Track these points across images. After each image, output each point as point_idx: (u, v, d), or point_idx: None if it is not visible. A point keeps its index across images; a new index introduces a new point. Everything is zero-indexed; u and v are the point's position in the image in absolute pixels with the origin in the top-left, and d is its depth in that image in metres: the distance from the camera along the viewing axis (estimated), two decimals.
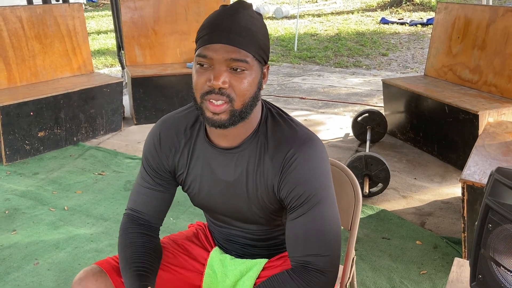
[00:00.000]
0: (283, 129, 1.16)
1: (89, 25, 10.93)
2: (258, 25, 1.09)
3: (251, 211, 1.21)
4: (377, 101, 5.19)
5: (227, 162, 1.19)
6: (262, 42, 1.08)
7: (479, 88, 3.58)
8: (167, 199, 1.31)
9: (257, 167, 1.16)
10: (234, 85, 1.06)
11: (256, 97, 1.11)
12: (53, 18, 4.07)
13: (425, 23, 10.16)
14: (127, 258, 1.21)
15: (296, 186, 1.11)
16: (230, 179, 1.20)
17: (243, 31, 1.05)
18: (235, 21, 1.05)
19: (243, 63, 1.05)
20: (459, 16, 3.79)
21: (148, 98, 4.37)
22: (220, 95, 1.06)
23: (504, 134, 2.55)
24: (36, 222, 2.76)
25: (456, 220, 2.77)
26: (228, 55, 1.04)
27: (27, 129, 3.60)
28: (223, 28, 1.05)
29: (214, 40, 1.05)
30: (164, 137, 1.25)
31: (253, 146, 1.17)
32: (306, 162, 1.11)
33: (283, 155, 1.13)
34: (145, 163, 1.29)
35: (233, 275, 1.31)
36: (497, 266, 1.04)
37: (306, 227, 1.12)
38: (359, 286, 2.19)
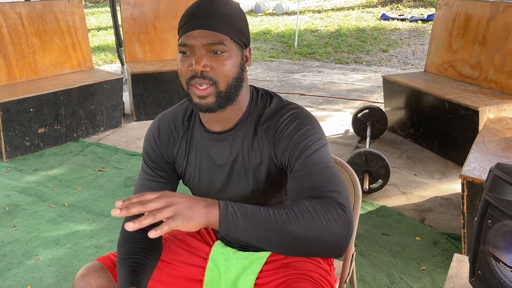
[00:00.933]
0: (273, 105, 1.21)
1: (89, 21, 10.92)
2: (234, 10, 1.13)
3: (252, 190, 1.22)
4: (377, 97, 5.18)
5: (222, 146, 1.22)
6: (239, 25, 1.13)
7: (480, 84, 3.57)
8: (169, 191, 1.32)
9: (252, 144, 1.20)
10: (215, 68, 1.10)
11: (240, 78, 1.15)
12: (53, 14, 4.06)
13: (425, 19, 10.14)
14: (123, 253, 1.23)
15: (291, 141, 1.14)
16: (228, 163, 1.22)
17: (219, 16, 1.10)
18: (210, 8, 1.11)
19: (220, 45, 1.09)
20: (459, 12, 3.78)
21: (148, 95, 4.37)
22: (202, 79, 1.10)
23: (504, 130, 2.54)
24: (37, 218, 2.77)
25: (456, 216, 2.77)
26: (206, 40, 1.08)
27: (27, 125, 3.60)
28: (199, 15, 1.10)
29: (191, 27, 1.10)
30: (163, 129, 1.29)
31: (247, 126, 1.20)
32: (296, 120, 1.15)
33: (274, 125, 1.17)
34: (145, 156, 1.32)
35: (235, 269, 1.32)
36: (497, 261, 1.04)
37: (312, 172, 1.08)
38: (359, 282, 2.19)
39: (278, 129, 1.16)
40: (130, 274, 1.16)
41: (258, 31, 9.77)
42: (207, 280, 1.33)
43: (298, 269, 1.26)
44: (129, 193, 3.07)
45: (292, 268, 1.27)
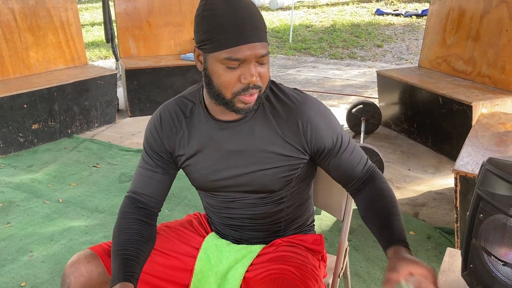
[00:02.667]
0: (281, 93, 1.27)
1: (83, 16, 10.85)
2: (258, 12, 1.15)
3: (267, 175, 1.25)
4: (371, 92, 5.19)
5: (234, 133, 1.24)
6: (265, 28, 1.16)
7: (473, 79, 3.59)
8: (167, 182, 1.34)
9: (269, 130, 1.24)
10: (262, 76, 1.15)
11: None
12: (46, 10, 4.04)
13: (420, 14, 10.15)
14: (118, 243, 1.24)
15: (324, 136, 1.24)
16: (238, 150, 1.25)
17: (260, 25, 1.13)
18: (251, 16, 1.11)
19: (267, 54, 1.15)
20: (453, 7, 3.79)
21: (142, 90, 4.36)
22: (254, 89, 1.15)
23: (497, 125, 2.56)
24: (31, 215, 2.76)
25: (449, 210, 2.79)
26: (259, 52, 1.12)
27: (20, 121, 3.58)
28: (245, 28, 1.10)
29: (243, 41, 1.10)
30: (165, 119, 1.30)
31: (260, 114, 1.24)
32: (321, 115, 1.25)
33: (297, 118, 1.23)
34: (146, 145, 1.34)
35: (227, 261, 1.33)
36: (488, 255, 1.05)
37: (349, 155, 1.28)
38: (353, 276, 2.21)
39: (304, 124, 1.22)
40: (123, 267, 1.17)
41: None
42: (197, 270, 1.34)
43: (284, 263, 1.27)
44: (124, 189, 3.07)
45: (279, 262, 1.28)
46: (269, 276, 1.24)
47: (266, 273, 1.25)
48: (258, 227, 1.35)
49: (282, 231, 1.38)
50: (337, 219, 2.61)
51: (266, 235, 1.37)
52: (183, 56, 4.55)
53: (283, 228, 1.37)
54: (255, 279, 1.27)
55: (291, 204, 1.34)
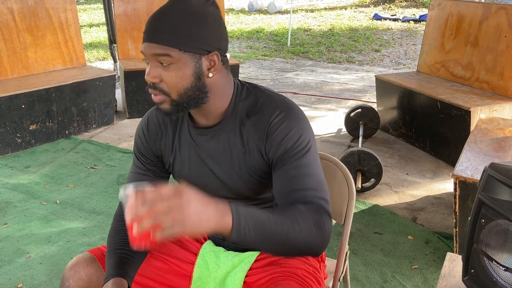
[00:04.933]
0: (261, 99, 1.21)
1: (81, 18, 10.84)
2: (189, 17, 1.11)
3: (242, 185, 1.24)
4: (369, 97, 5.20)
5: (209, 140, 1.24)
6: (192, 33, 1.10)
7: (471, 85, 3.60)
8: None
9: (240, 137, 1.20)
10: (164, 79, 1.12)
11: (198, 87, 1.14)
12: (45, 10, 4.03)
13: (417, 19, 10.20)
14: (113, 243, 1.25)
15: (283, 141, 1.15)
16: (215, 156, 1.24)
17: (166, 27, 1.10)
18: (160, 18, 1.11)
19: (165, 57, 1.10)
20: (452, 13, 3.81)
21: (141, 92, 4.35)
22: (154, 89, 1.13)
23: (495, 130, 2.57)
24: (28, 216, 2.75)
25: (448, 215, 2.79)
26: (152, 51, 1.10)
27: (18, 122, 3.57)
28: (149, 27, 1.12)
29: (143, 39, 1.13)
30: (151, 123, 1.32)
31: (233, 120, 1.21)
32: (289, 119, 1.16)
33: (266, 119, 1.17)
34: (135, 149, 1.35)
35: (225, 267, 1.32)
36: (490, 260, 1.05)
37: (301, 174, 1.13)
38: (352, 281, 2.20)
39: (270, 124, 1.16)
40: (117, 265, 1.18)
41: (251, 30, 9.77)
42: (195, 277, 1.33)
43: (285, 266, 1.27)
44: None
45: (280, 265, 1.27)
46: (273, 279, 1.23)
47: (269, 277, 1.25)
48: None
49: None
50: (335, 223, 2.61)
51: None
52: None
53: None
54: (257, 283, 1.27)
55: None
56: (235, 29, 9.77)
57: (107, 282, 1.14)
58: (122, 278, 1.15)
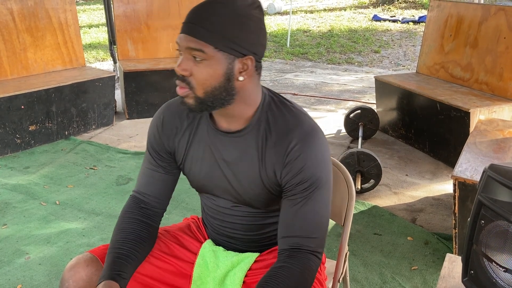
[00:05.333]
0: (286, 118, 1.19)
1: (81, 18, 10.83)
2: (231, 16, 1.09)
3: (250, 192, 1.24)
4: (369, 98, 5.21)
5: (228, 144, 1.22)
6: (232, 34, 1.08)
7: (471, 86, 3.60)
8: (169, 182, 1.34)
9: (260, 151, 1.20)
10: (194, 74, 1.11)
11: (226, 89, 1.13)
12: (45, 11, 4.03)
13: (416, 20, 10.20)
14: (114, 241, 1.25)
15: (300, 173, 1.15)
16: (231, 160, 1.23)
17: (205, 23, 1.08)
18: (202, 12, 1.10)
19: (199, 52, 1.09)
20: (451, 14, 3.81)
21: (140, 93, 4.35)
22: (181, 81, 1.12)
23: (495, 131, 2.57)
24: (27, 216, 2.75)
25: (447, 216, 2.80)
26: (187, 44, 1.10)
27: (18, 122, 3.57)
28: (188, 19, 1.11)
29: (181, 30, 1.12)
30: (167, 119, 1.29)
31: (255, 131, 1.20)
32: (310, 151, 1.16)
33: (287, 144, 1.16)
34: (148, 145, 1.34)
35: (224, 266, 1.32)
36: (489, 261, 1.05)
37: (305, 210, 1.16)
38: (351, 282, 2.20)
39: (290, 151, 1.15)
40: (112, 265, 1.18)
41: None
42: (195, 276, 1.33)
43: None
44: (121, 192, 3.06)
45: None
46: None
47: None
48: (250, 239, 1.34)
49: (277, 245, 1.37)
50: (334, 224, 2.62)
51: (260, 246, 1.36)
52: None
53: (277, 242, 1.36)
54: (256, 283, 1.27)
55: None
56: None
57: (99, 285, 1.13)
58: (113, 281, 1.14)
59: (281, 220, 1.20)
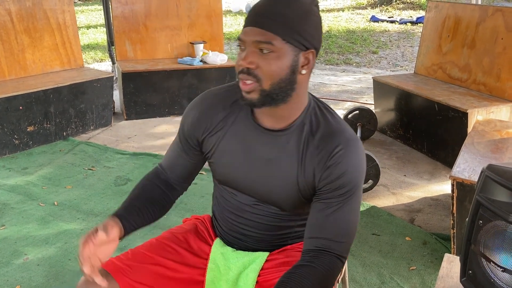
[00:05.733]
0: (330, 123, 1.21)
1: (79, 19, 10.82)
2: (297, 10, 1.11)
3: (281, 192, 1.24)
4: (367, 98, 5.21)
5: (268, 142, 1.23)
6: (299, 27, 1.11)
7: (468, 87, 3.61)
8: (190, 167, 1.37)
9: (301, 153, 1.21)
10: (261, 66, 1.11)
11: (290, 81, 1.14)
12: (43, 12, 4.03)
13: (414, 21, 10.22)
14: (130, 196, 1.32)
15: (339, 178, 1.17)
16: (267, 158, 1.23)
17: (274, 15, 1.10)
18: (270, 6, 1.11)
19: (267, 44, 1.10)
20: (449, 15, 3.82)
21: (139, 93, 4.35)
22: (247, 75, 1.12)
23: (492, 132, 2.58)
24: (26, 217, 2.74)
25: (445, 216, 2.80)
26: (254, 37, 1.10)
27: (16, 123, 3.56)
28: (256, 12, 1.12)
29: (246, 23, 1.13)
30: (204, 108, 1.29)
31: (298, 132, 1.21)
32: (351, 158, 1.18)
33: (331, 149, 1.18)
34: (180, 128, 1.35)
35: (236, 268, 1.32)
36: (487, 261, 1.05)
37: (338, 214, 1.18)
38: (350, 282, 2.21)
39: (333, 155, 1.17)
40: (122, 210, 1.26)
41: None
42: (208, 281, 1.33)
43: None
44: (119, 192, 3.06)
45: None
46: None
47: None
48: (263, 239, 1.34)
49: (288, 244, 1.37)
50: None
51: (270, 246, 1.36)
52: (180, 60, 4.55)
53: (290, 242, 1.37)
54: (270, 283, 1.27)
55: (301, 223, 1.33)
56: (233, 31, 9.78)
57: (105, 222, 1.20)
58: (116, 218, 1.22)
59: (311, 221, 1.21)
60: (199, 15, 4.72)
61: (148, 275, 1.29)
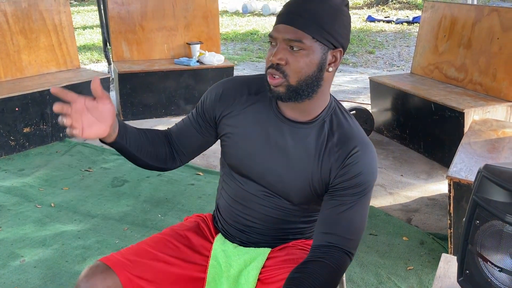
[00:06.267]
0: (349, 125, 1.26)
1: (75, 20, 10.80)
2: (328, 10, 1.15)
3: (293, 185, 1.26)
4: (364, 98, 5.22)
5: (287, 132, 1.26)
6: (328, 26, 1.14)
7: (465, 86, 3.62)
8: (196, 142, 1.38)
9: (319, 149, 1.24)
10: (290, 62, 1.15)
11: (317, 78, 1.18)
12: (39, 13, 4.01)
13: (411, 21, 10.25)
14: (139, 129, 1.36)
15: (354, 177, 1.21)
16: (285, 148, 1.26)
17: (305, 14, 1.13)
18: (301, 4, 1.15)
19: (298, 42, 1.13)
20: (445, 15, 3.83)
21: (135, 94, 4.34)
22: (276, 70, 1.16)
23: (489, 131, 2.58)
24: (22, 219, 2.73)
25: (442, 216, 2.81)
26: (286, 35, 1.14)
27: (12, 124, 3.55)
28: (287, 10, 1.16)
29: (278, 21, 1.17)
30: (231, 88, 1.32)
31: (319, 127, 1.25)
32: (367, 159, 1.23)
33: (349, 148, 1.22)
34: (200, 102, 1.37)
35: (237, 265, 1.32)
36: (484, 261, 1.06)
37: (350, 212, 1.22)
38: (347, 282, 2.21)
39: (350, 155, 1.21)
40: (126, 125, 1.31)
41: (245, 32, 9.77)
42: (209, 278, 1.33)
43: None
44: (116, 194, 3.05)
45: (296, 263, 1.27)
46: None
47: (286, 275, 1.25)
48: (267, 231, 1.35)
49: (289, 240, 1.38)
50: None
51: (272, 240, 1.37)
52: (177, 60, 4.54)
53: (291, 238, 1.38)
54: (272, 280, 1.27)
55: (305, 220, 1.35)
56: (229, 31, 9.78)
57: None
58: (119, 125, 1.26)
59: (323, 217, 1.23)
60: (195, 16, 4.72)
61: (149, 270, 1.29)
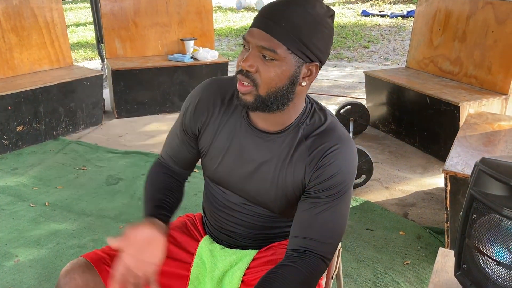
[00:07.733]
0: (324, 125, 1.19)
1: (67, 17, 10.73)
2: (309, 21, 1.07)
3: (269, 195, 1.23)
4: (359, 93, 5.21)
5: (260, 144, 1.21)
6: (307, 38, 1.07)
7: (460, 80, 3.62)
8: (192, 157, 1.35)
9: (291, 155, 1.19)
10: (261, 71, 1.08)
11: (287, 91, 1.12)
12: (30, 10, 3.97)
13: (405, 15, 10.24)
14: (148, 193, 1.29)
15: (330, 179, 1.15)
16: (258, 160, 1.22)
17: (285, 22, 1.06)
18: (281, 11, 1.07)
19: (271, 52, 1.06)
20: (440, 8, 3.82)
21: (129, 91, 4.32)
22: (245, 77, 1.10)
23: (484, 125, 2.58)
24: (16, 219, 2.71)
25: (439, 210, 2.81)
26: (260, 42, 1.07)
27: (5, 123, 3.52)
28: (265, 14, 1.09)
29: (254, 24, 1.09)
30: (203, 101, 1.26)
31: (291, 136, 1.19)
32: (343, 158, 1.16)
33: (323, 149, 1.16)
34: (181, 117, 1.32)
35: (222, 266, 1.31)
36: (482, 255, 1.05)
37: (325, 215, 1.16)
38: (344, 277, 2.20)
39: (325, 155, 1.15)
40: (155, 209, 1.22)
41: (239, 27, 9.74)
42: (192, 277, 1.32)
43: None
44: (111, 192, 3.03)
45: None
46: None
47: None
48: (252, 236, 1.34)
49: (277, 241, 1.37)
50: None
51: (260, 243, 1.35)
52: (170, 56, 4.51)
53: (278, 240, 1.36)
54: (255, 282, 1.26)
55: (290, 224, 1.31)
56: (223, 27, 9.74)
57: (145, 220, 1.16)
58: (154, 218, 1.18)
59: (297, 220, 1.19)
60: (189, 12, 4.69)
61: None
